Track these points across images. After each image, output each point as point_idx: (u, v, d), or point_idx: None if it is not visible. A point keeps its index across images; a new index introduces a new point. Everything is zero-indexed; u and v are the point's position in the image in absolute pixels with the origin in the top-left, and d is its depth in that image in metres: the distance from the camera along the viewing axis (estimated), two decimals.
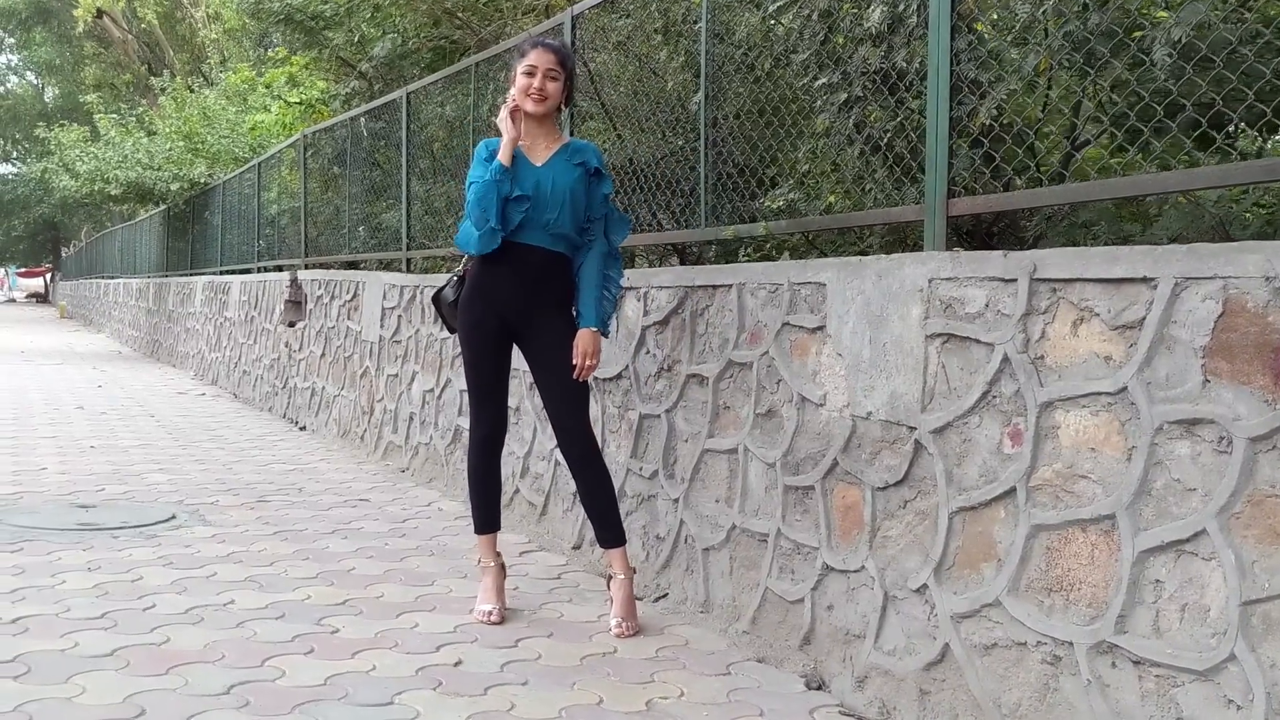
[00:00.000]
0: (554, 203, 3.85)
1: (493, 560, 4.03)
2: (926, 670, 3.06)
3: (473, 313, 3.98)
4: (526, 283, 3.90)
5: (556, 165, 3.90)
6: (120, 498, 5.90)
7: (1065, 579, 2.70)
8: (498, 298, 3.93)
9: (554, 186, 3.86)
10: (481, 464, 4.06)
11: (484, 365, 4.00)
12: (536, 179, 3.86)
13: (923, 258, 3.18)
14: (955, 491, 3.02)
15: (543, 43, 3.97)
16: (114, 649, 3.42)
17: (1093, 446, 2.64)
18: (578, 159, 3.93)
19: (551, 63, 3.89)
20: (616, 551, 3.96)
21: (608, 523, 3.98)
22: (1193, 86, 2.68)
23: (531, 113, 3.90)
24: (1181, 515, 2.43)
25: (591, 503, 4.00)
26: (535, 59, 3.89)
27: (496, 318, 3.95)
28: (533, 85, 3.87)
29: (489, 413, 4.04)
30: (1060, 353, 2.74)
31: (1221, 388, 2.37)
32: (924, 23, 3.37)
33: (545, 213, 3.85)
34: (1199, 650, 2.37)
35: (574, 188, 3.89)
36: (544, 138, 3.96)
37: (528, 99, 3.88)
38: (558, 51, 3.95)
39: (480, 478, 4.07)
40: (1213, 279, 2.39)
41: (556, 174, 3.88)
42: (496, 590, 3.97)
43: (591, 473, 3.98)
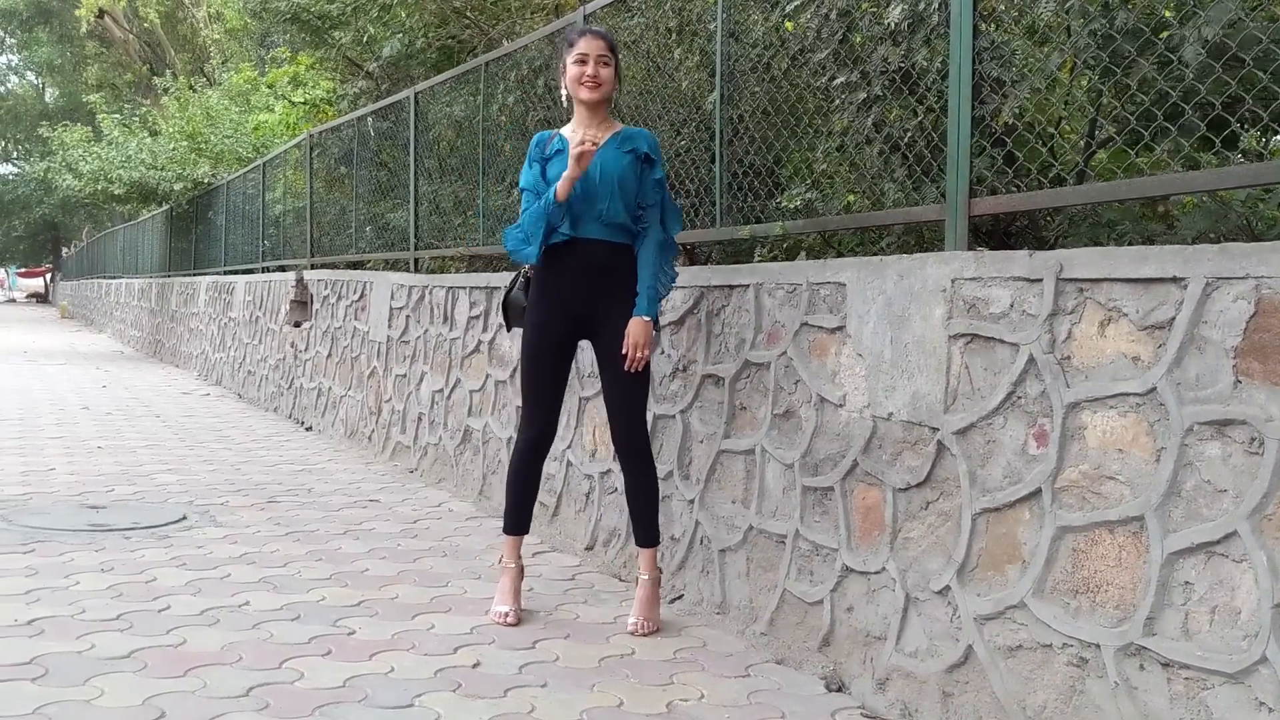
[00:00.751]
0: (604, 192, 3.80)
1: (514, 561, 4.01)
2: (949, 672, 3.05)
3: (538, 313, 3.93)
4: (590, 277, 3.85)
5: (605, 154, 3.83)
6: (130, 498, 5.89)
7: (1092, 580, 2.68)
8: (563, 295, 3.89)
9: (602, 175, 3.80)
10: (524, 466, 4.00)
11: (542, 366, 3.94)
12: (588, 172, 3.80)
13: (945, 257, 3.16)
14: (979, 493, 3.00)
15: (590, 30, 3.94)
16: (131, 650, 3.41)
17: (1120, 447, 2.63)
18: (628, 146, 3.87)
19: (602, 48, 3.84)
20: (648, 551, 3.95)
21: (647, 522, 3.96)
22: (1220, 85, 2.66)
23: (586, 100, 3.86)
24: (1212, 517, 2.41)
25: (636, 499, 3.96)
26: (585, 46, 3.84)
27: (563, 316, 3.90)
28: (585, 73, 3.82)
29: (541, 414, 3.97)
30: (1087, 353, 2.72)
31: (1254, 388, 2.35)
32: (945, 21, 3.36)
33: (597, 203, 3.81)
34: (1229, 653, 2.35)
35: (623, 175, 3.83)
36: (597, 127, 3.90)
37: (582, 87, 3.84)
38: (606, 37, 3.91)
39: (521, 479, 4.01)
40: (1245, 279, 2.37)
41: (606, 162, 3.82)
42: (514, 592, 3.96)
43: (642, 470, 3.94)
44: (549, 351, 3.94)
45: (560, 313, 3.91)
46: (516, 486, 4.03)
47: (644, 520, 3.97)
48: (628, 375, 3.86)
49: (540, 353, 3.93)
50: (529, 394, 4.00)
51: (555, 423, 4.05)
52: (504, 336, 5.91)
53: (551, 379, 3.98)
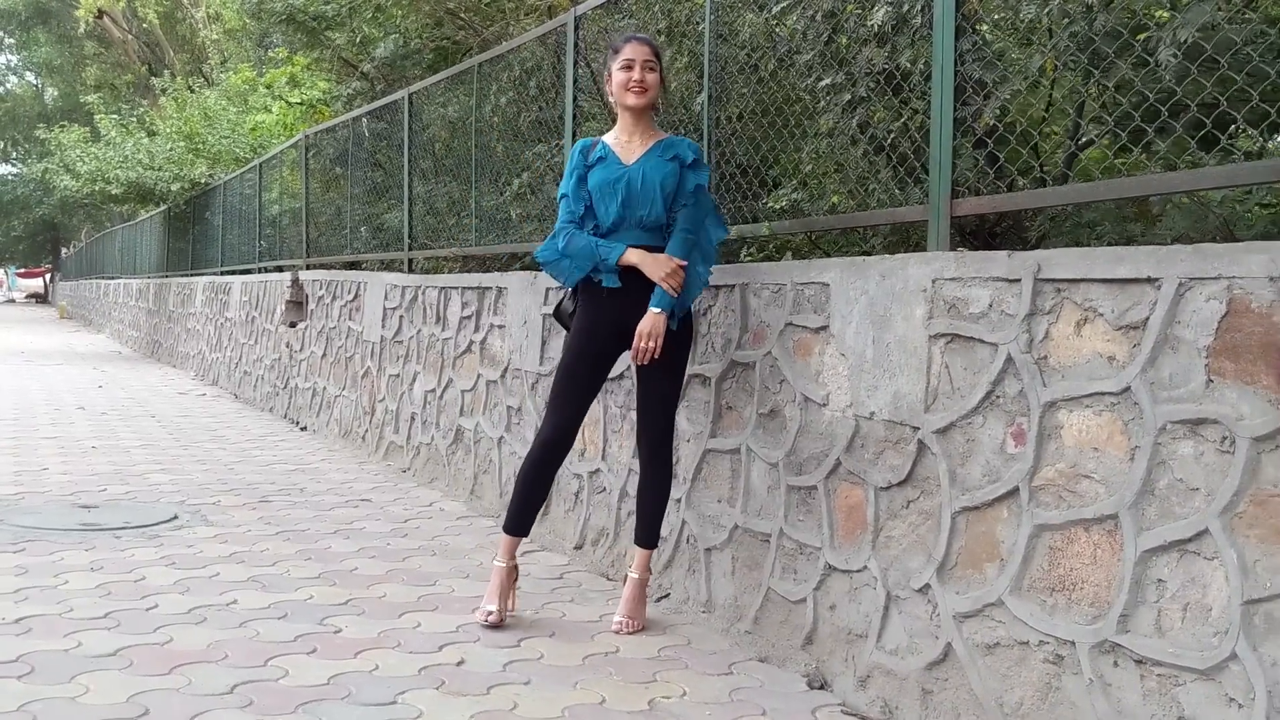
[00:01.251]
0: (644, 200, 3.80)
1: (507, 561, 3.95)
2: (929, 670, 3.07)
3: (586, 318, 3.88)
4: (633, 283, 3.80)
5: (649, 161, 3.83)
6: (122, 498, 5.91)
7: (1068, 578, 2.70)
8: (611, 303, 3.84)
9: (644, 182, 3.80)
10: (535, 468, 3.93)
11: (578, 371, 3.89)
12: (628, 176, 3.81)
13: (927, 258, 3.18)
14: (959, 491, 3.02)
15: (635, 36, 3.92)
16: (117, 649, 3.42)
17: (1096, 446, 2.65)
18: (670, 153, 3.86)
19: (647, 54, 3.83)
20: (645, 552, 3.96)
21: (650, 523, 3.97)
22: (1198, 87, 2.68)
23: (632, 106, 3.84)
24: (1184, 515, 2.43)
25: (647, 498, 3.97)
26: (631, 52, 3.83)
27: (609, 325, 3.85)
28: (632, 78, 3.81)
29: (563, 419, 3.90)
30: (1064, 353, 2.74)
31: (1226, 388, 2.37)
32: (928, 23, 3.38)
33: (638, 209, 3.80)
34: (1201, 649, 2.37)
35: (665, 180, 3.81)
36: (640, 134, 3.89)
37: (628, 93, 3.82)
38: (651, 43, 3.89)
39: (530, 481, 3.95)
40: (1217, 279, 2.39)
41: (647, 170, 3.81)
42: (502, 592, 3.92)
43: (660, 470, 3.95)
44: (588, 360, 3.89)
45: (607, 321, 3.86)
46: (525, 487, 3.95)
47: (650, 521, 3.97)
48: (659, 375, 3.85)
49: (579, 360, 3.89)
50: (556, 397, 3.94)
51: (575, 430, 3.96)
52: (495, 337, 5.93)
53: (583, 387, 3.93)
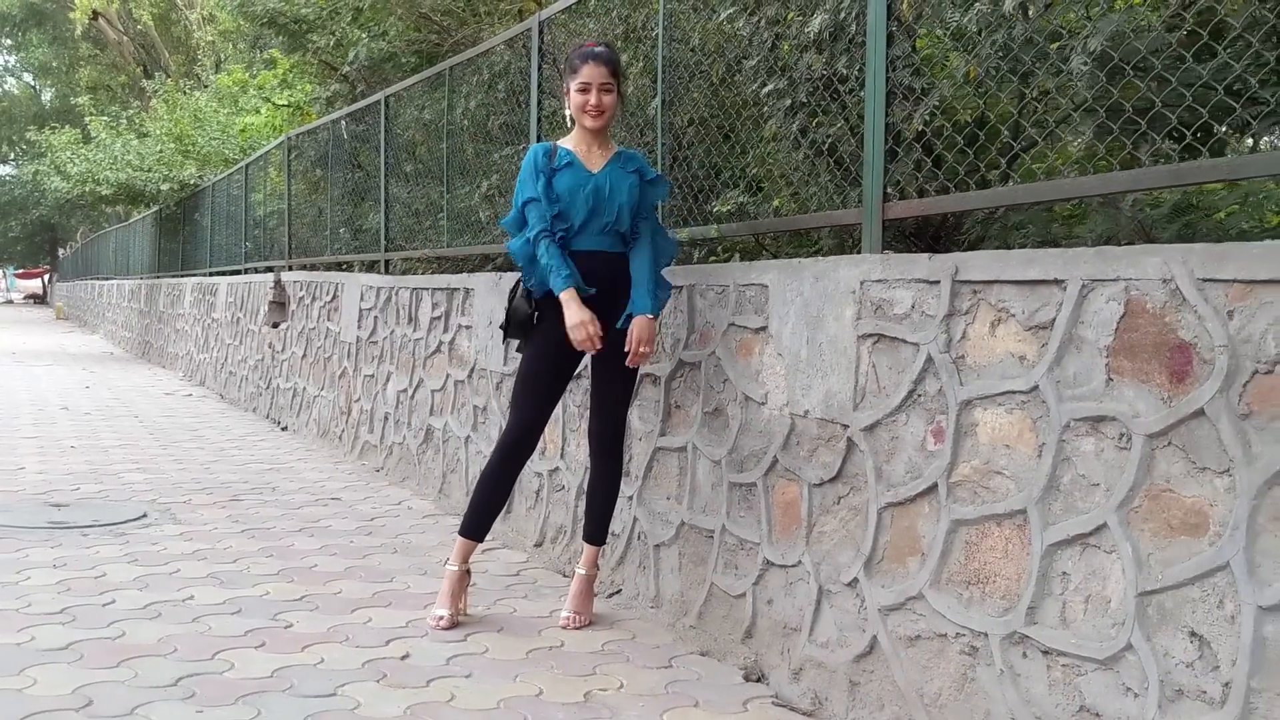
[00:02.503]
0: (610, 207, 3.86)
1: (460, 565, 3.98)
2: (856, 662, 3.14)
3: (551, 323, 3.87)
4: (606, 287, 3.85)
5: (612, 172, 3.90)
6: (94, 497, 5.98)
7: (982, 572, 2.78)
8: None
9: (611, 191, 3.87)
10: (498, 470, 3.96)
11: (542, 375, 3.94)
12: (595, 184, 3.87)
13: (856, 260, 3.26)
14: (884, 488, 3.10)
15: (592, 54, 3.88)
16: (70, 642, 3.50)
17: (1007, 443, 2.73)
18: (631, 166, 3.93)
19: (605, 76, 3.85)
20: (594, 549, 4.03)
21: (599, 520, 4.03)
22: (1109, 94, 2.76)
23: (590, 128, 3.90)
24: (1086, 510, 2.51)
25: (597, 495, 4.03)
26: (588, 75, 3.85)
27: None
28: (589, 102, 3.86)
29: (528, 419, 3.94)
30: (979, 352, 2.82)
31: (1124, 386, 2.45)
32: (863, 31, 3.46)
33: (604, 216, 3.87)
34: (1100, 640, 2.45)
35: (631, 192, 3.89)
36: (599, 146, 3.96)
37: (586, 115, 3.87)
38: (609, 62, 3.88)
39: (492, 484, 3.97)
40: (1116, 281, 2.47)
41: (614, 180, 3.88)
42: (453, 596, 3.95)
43: (613, 471, 4.02)
44: (552, 365, 3.94)
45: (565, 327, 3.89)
46: (485, 491, 3.97)
47: (599, 518, 4.04)
48: (618, 373, 3.92)
49: (544, 364, 3.93)
50: (520, 401, 3.96)
51: (538, 434, 4.00)
52: (463, 337, 6.01)
53: (546, 391, 3.97)
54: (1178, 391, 2.32)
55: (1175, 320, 2.34)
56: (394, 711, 3.04)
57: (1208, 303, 2.27)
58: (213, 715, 2.97)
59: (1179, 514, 2.32)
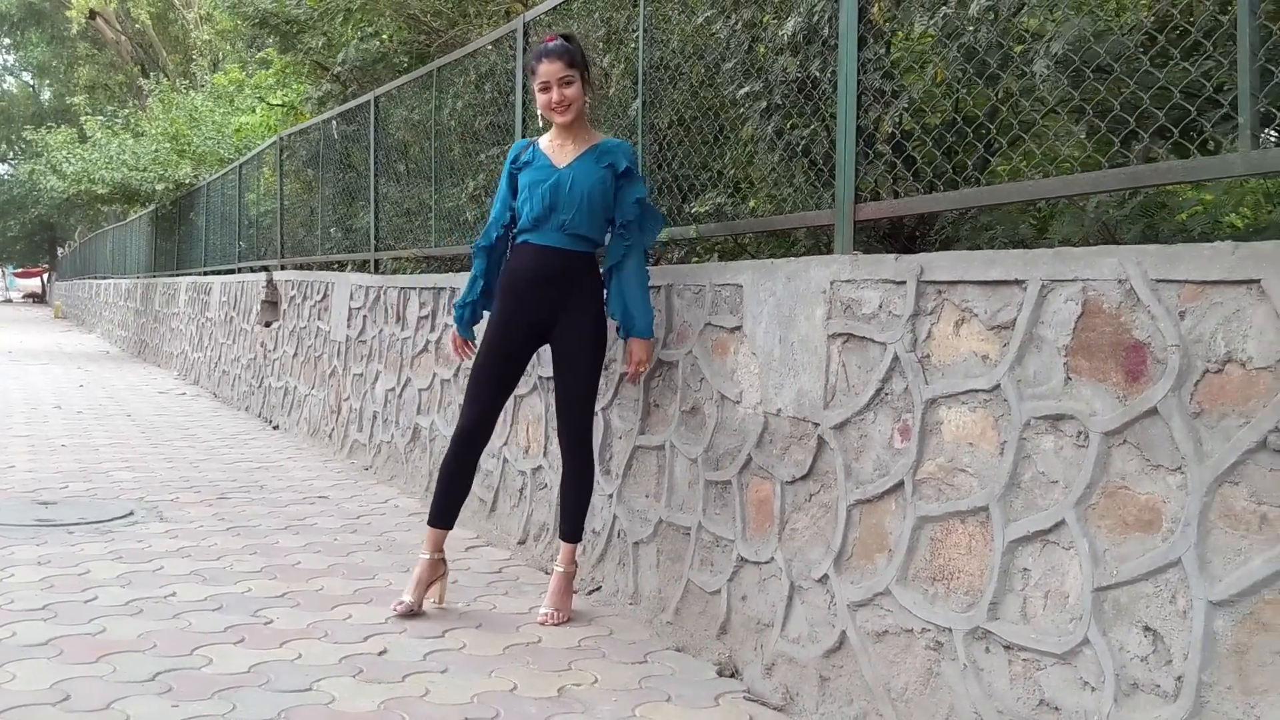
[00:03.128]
0: (569, 203, 3.89)
1: (431, 553, 4.05)
2: (826, 657, 3.18)
3: (502, 313, 4.03)
4: (547, 284, 3.94)
5: (581, 166, 3.93)
6: (82, 495, 6.02)
7: (946, 568, 2.82)
8: (522, 304, 3.98)
9: (572, 186, 3.89)
10: (456, 459, 4.07)
11: (492, 364, 4.03)
12: (556, 179, 3.91)
13: (826, 260, 3.30)
14: (853, 485, 3.13)
15: (545, 51, 3.93)
16: (50, 638, 3.54)
17: (971, 441, 2.76)
18: (606, 160, 3.94)
19: (561, 69, 3.88)
20: (570, 546, 4.08)
21: (573, 517, 4.08)
22: (1071, 96, 2.80)
23: (560, 124, 3.95)
24: (1045, 506, 2.55)
25: (569, 493, 4.08)
26: (544, 73, 3.89)
27: (525, 324, 4.00)
28: (551, 100, 3.90)
29: (476, 412, 4.04)
30: (944, 352, 2.86)
31: (1081, 385, 2.48)
32: (835, 34, 3.49)
33: (560, 213, 3.90)
34: (1059, 635, 2.48)
35: (594, 189, 3.90)
36: (573, 139, 3.98)
37: (553, 113, 3.92)
38: (561, 54, 3.90)
39: (452, 472, 4.08)
40: (1074, 281, 2.51)
41: (578, 174, 3.91)
42: (420, 583, 4.02)
43: (583, 469, 4.07)
44: (505, 351, 4.03)
45: (522, 321, 4.00)
46: (446, 480, 4.09)
47: (572, 515, 4.09)
48: (579, 373, 3.99)
49: (494, 350, 4.03)
50: (471, 391, 4.07)
51: (492, 424, 4.11)
52: (449, 336, 6.03)
53: (498, 382, 4.06)
54: (1132, 390, 2.36)
55: (1130, 320, 2.37)
56: (368, 706, 3.08)
57: (1161, 303, 2.30)
58: (189, 710, 3.00)
59: (1134, 511, 2.35)
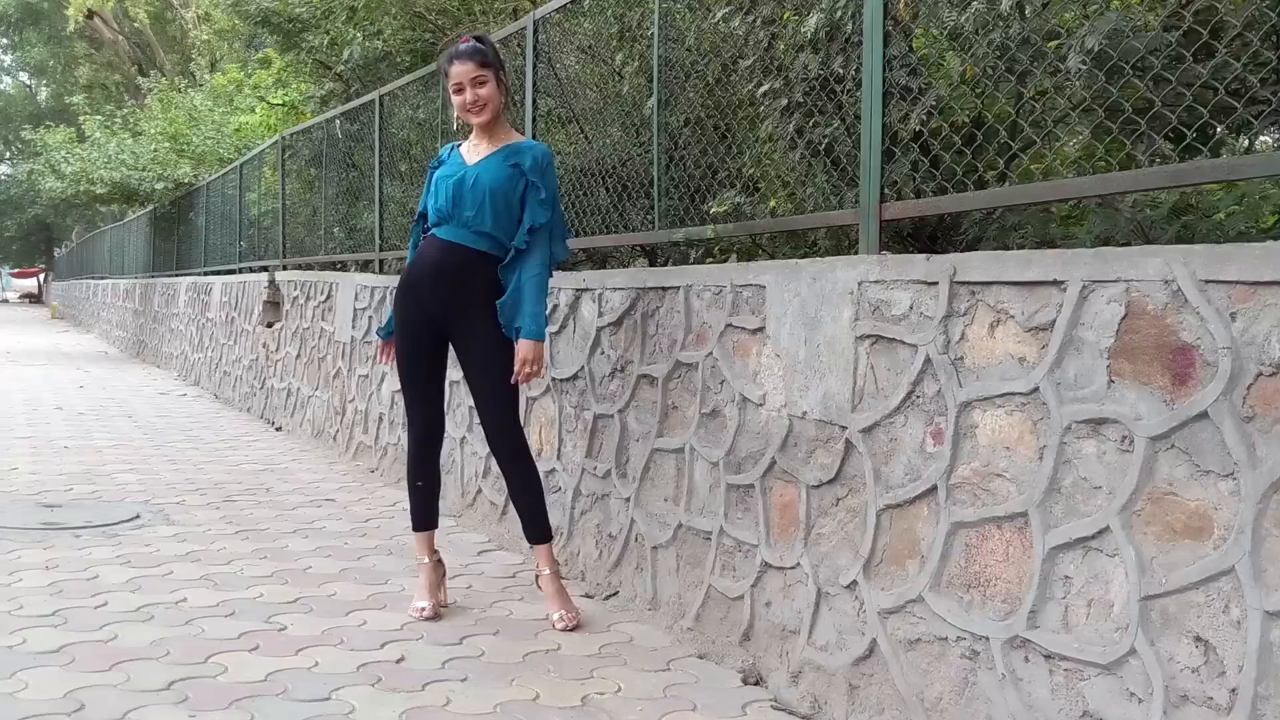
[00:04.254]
0: (472, 200, 3.90)
1: (427, 557, 4.08)
2: (855, 665, 3.12)
3: (403, 309, 4.05)
4: (447, 279, 3.94)
5: (487, 164, 3.93)
6: (87, 497, 5.95)
7: (982, 575, 2.76)
8: (422, 294, 3.99)
9: (475, 184, 3.90)
10: (415, 465, 4.13)
11: (414, 363, 4.06)
12: (461, 176, 3.93)
13: (854, 261, 3.24)
14: (882, 489, 3.07)
15: (456, 53, 3.94)
16: (61, 645, 3.47)
17: (1008, 445, 2.70)
18: (514, 159, 3.93)
19: (471, 70, 3.89)
20: (543, 548, 4.04)
21: (535, 520, 4.05)
22: (1108, 93, 2.74)
23: (478, 124, 3.96)
24: (1088, 513, 2.49)
25: (520, 500, 4.08)
26: (457, 75, 3.90)
27: (423, 314, 4.01)
28: (465, 101, 3.91)
29: (421, 413, 4.10)
30: (978, 354, 2.80)
31: (1125, 388, 2.42)
32: (859, 30, 3.43)
33: (464, 209, 3.91)
34: (1103, 644, 2.43)
35: (497, 187, 3.89)
36: (489, 139, 4.00)
37: (469, 114, 3.93)
38: (473, 55, 3.90)
39: (413, 477, 4.13)
40: (1117, 282, 2.45)
41: (482, 172, 3.91)
42: (430, 587, 4.03)
43: (520, 471, 4.05)
44: (418, 348, 4.04)
45: (420, 310, 4.01)
46: (412, 485, 4.15)
47: (533, 518, 4.05)
48: (486, 374, 3.98)
49: (409, 349, 4.04)
50: (406, 392, 4.13)
51: (440, 418, 4.16)
52: None
53: (425, 375, 4.07)
54: (1180, 394, 2.30)
55: (1177, 322, 2.31)
56: (389, 716, 3.02)
57: (1210, 304, 2.24)
58: None
59: (1182, 517, 2.29)
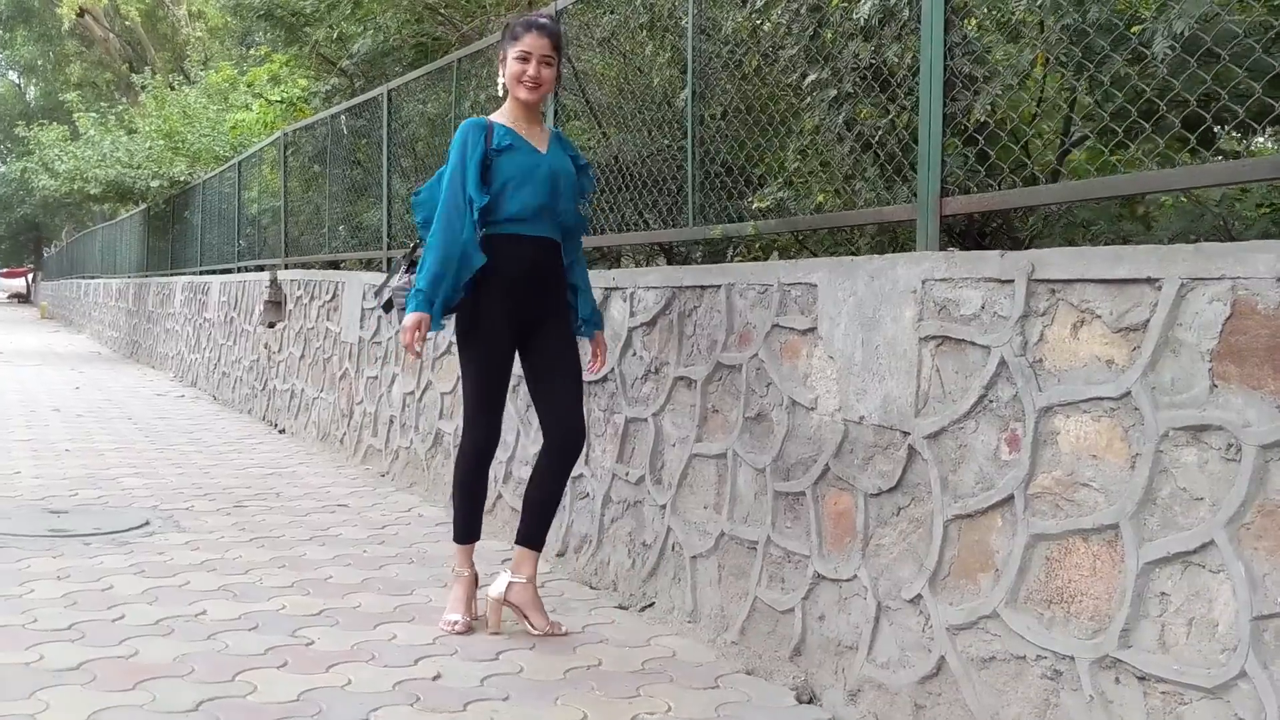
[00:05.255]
0: (566, 193, 3.77)
1: (468, 569, 3.89)
2: (921, 684, 2.97)
3: (493, 319, 3.73)
4: (545, 278, 3.76)
5: (557, 154, 3.79)
6: (94, 503, 5.77)
7: (1066, 590, 2.61)
8: (519, 295, 3.73)
9: (564, 176, 3.78)
10: (475, 472, 3.88)
11: (496, 370, 3.80)
12: (550, 167, 3.73)
13: (916, 258, 3.08)
14: (950, 499, 2.92)
15: (537, 24, 3.73)
16: (81, 662, 3.30)
17: (1094, 453, 2.55)
18: (569, 150, 3.87)
19: (547, 48, 3.69)
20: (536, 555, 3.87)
21: (545, 525, 3.90)
22: (1196, 81, 2.59)
23: (524, 100, 3.74)
24: (1188, 526, 2.34)
25: (552, 504, 3.90)
26: (530, 44, 3.68)
27: (517, 317, 3.76)
28: (527, 73, 3.68)
29: (492, 421, 3.85)
30: (1060, 356, 2.65)
31: (1230, 393, 2.27)
32: (916, 16, 3.28)
33: (561, 203, 3.75)
34: (1207, 666, 2.28)
35: (573, 180, 3.84)
36: (536, 124, 3.85)
37: (521, 86, 3.70)
38: (553, 35, 3.73)
39: (470, 487, 3.89)
40: (1221, 279, 2.30)
41: (555, 162, 3.77)
42: (466, 601, 3.84)
43: (568, 472, 3.91)
44: (504, 355, 3.81)
45: (515, 315, 3.76)
46: (465, 494, 3.90)
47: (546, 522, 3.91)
48: (572, 377, 3.84)
49: (495, 360, 3.79)
50: (483, 402, 3.82)
51: (500, 428, 3.94)
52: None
53: (503, 387, 3.86)
54: None
55: None
56: None
57: None
58: None
59: None
